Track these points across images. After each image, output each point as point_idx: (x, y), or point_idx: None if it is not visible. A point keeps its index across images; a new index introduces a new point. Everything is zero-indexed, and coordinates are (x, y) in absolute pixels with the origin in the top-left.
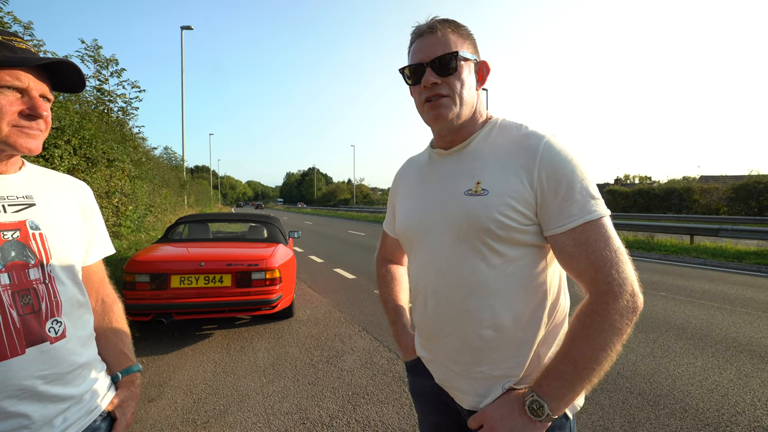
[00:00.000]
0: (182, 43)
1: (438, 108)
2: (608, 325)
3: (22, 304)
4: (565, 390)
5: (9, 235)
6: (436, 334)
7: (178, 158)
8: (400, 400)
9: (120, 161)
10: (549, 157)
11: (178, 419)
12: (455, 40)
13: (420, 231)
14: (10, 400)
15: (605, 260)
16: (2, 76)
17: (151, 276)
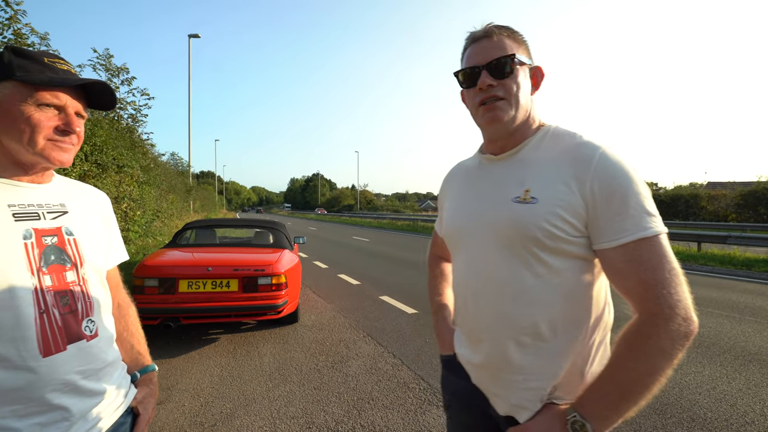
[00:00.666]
0: (189, 51)
1: (494, 110)
2: (657, 349)
3: (62, 304)
4: (609, 412)
5: (49, 240)
6: (475, 336)
7: (184, 164)
8: (405, 405)
9: (129, 167)
10: (603, 168)
11: (185, 422)
12: (511, 44)
13: (465, 234)
14: (54, 393)
15: (657, 280)
16: (44, 95)
17: (160, 280)
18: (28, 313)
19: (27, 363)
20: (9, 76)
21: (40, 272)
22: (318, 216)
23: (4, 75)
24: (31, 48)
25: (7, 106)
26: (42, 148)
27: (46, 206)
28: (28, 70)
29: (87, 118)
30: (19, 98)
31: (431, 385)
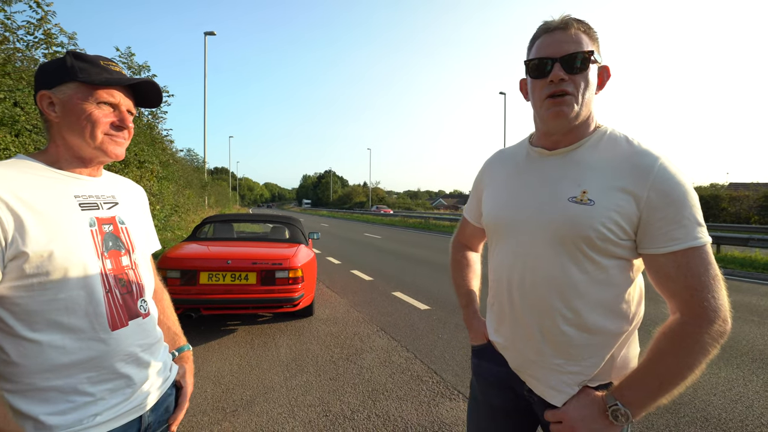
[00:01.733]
0: (205, 49)
1: (560, 105)
2: (699, 346)
3: (121, 285)
4: (648, 401)
5: (107, 228)
6: (517, 323)
7: (199, 160)
8: (418, 397)
9: (149, 163)
10: (662, 179)
11: (208, 407)
12: (587, 40)
13: (511, 225)
14: (120, 363)
15: (703, 286)
16: (101, 94)
17: (182, 272)
18: (99, 292)
19: (99, 335)
20: (72, 78)
21: (103, 256)
22: (329, 212)
23: (68, 77)
24: (61, 47)
25: (71, 105)
26: (101, 142)
27: (102, 197)
28: (87, 72)
29: (135, 114)
30: (81, 97)
31: (444, 378)
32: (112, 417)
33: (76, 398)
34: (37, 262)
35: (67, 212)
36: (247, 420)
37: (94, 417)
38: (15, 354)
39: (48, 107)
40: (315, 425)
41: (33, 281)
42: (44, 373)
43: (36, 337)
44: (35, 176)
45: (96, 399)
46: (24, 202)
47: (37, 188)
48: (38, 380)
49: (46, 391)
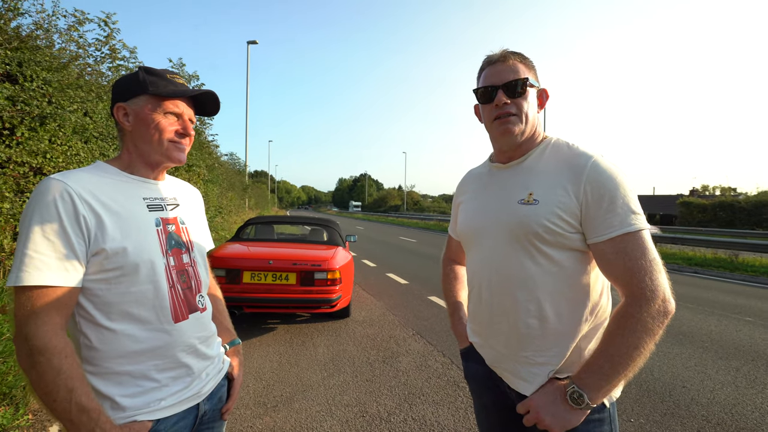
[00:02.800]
0: (248, 57)
1: (506, 124)
2: (641, 326)
3: (182, 280)
4: (603, 382)
5: (170, 228)
6: (488, 320)
7: (241, 164)
8: (455, 403)
9: (197, 166)
10: (595, 174)
11: (251, 401)
12: (523, 68)
13: (478, 233)
14: (182, 353)
15: (640, 268)
16: (168, 105)
17: (227, 271)
18: (164, 287)
19: (164, 326)
20: (143, 91)
21: (167, 254)
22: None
23: (140, 90)
24: (123, 60)
25: (142, 115)
26: (166, 149)
27: (166, 199)
28: (156, 85)
29: (195, 123)
30: (150, 108)
31: None
32: (175, 402)
33: (145, 383)
34: (113, 257)
35: (137, 213)
36: (286, 416)
37: (159, 401)
38: (96, 340)
39: (123, 117)
40: (352, 425)
41: (110, 275)
42: (119, 358)
43: (112, 325)
44: (111, 180)
45: (161, 385)
46: (102, 203)
47: (113, 191)
48: (114, 365)
49: (120, 375)
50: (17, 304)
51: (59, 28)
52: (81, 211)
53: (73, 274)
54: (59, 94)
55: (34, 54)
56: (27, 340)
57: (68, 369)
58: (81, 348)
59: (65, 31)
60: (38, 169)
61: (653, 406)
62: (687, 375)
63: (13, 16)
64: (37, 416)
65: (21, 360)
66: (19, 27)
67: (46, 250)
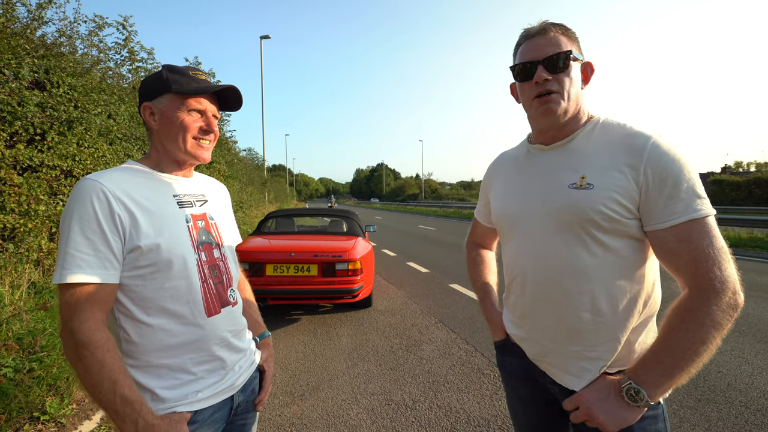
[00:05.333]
0: (261, 52)
1: (548, 103)
2: (710, 320)
3: (213, 275)
4: (663, 379)
5: (200, 224)
6: (533, 313)
7: (259, 158)
8: (480, 390)
9: (217, 163)
10: (656, 156)
11: (278, 390)
12: (565, 41)
13: (519, 219)
14: (216, 346)
15: (708, 258)
16: (191, 102)
17: (250, 264)
18: (196, 282)
19: (198, 321)
20: (167, 89)
21: (198, 249)
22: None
23: (164, 89)
24: (142, 62)
25: (167, 114)
26: (190, 147)
27: (195, 195)
28: (180, 83)
29: (220, 118)
30: (175, 107)
31: None
32: (211, 394)
33: (182, 376)
34: (148, 254)
35: (169, 210)
36: (313, 404)
37: (196, 393)
38: (134, 334)
39: (149, 117)
40: (378, 413)
41: (145, 271)
42: (157, 352)
43: (149, 320)
44: (143, 179)
45: (197, 378)
46: (135, 201)
47: (145, 189)
48: (153, 358)
49: (158, 368)
50: (62, 300)
51: (81, 34)
52: (116, 210)
53: (112, 271)
54: (84, 98)
55: (59, 61)
56: (72, 335)
57: (111, 362)
58: (121, 342)
59: (86, 36)
60: (69, 171)
61: (687, 392)
62: (723, 360)
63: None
64: (80, 406)
65: (68, 353)
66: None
67: (85, 248)
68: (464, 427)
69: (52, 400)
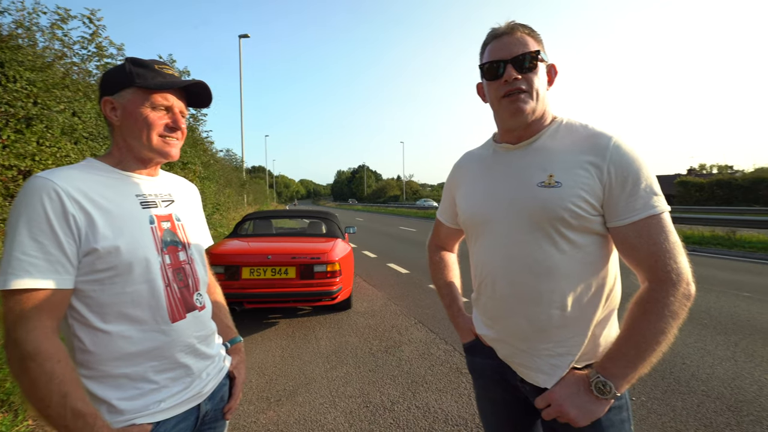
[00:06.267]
0: (240, 51)
1: (517, 102)
2: (668, 310)
3: (178, 279)
4: (629, 370)
5: (165, 225)
6: (504, 314)
7: (237, 160)
8: (458, 390)
9: (192, 164)
10: (618, 155)
11: (254, 396)
12: (532, 41)
13: (488, 219)
14: (181, 353)
15: (664, 251)
16: (156, 98)
17: (225, 267)
18: (160, 286)
19: (161, 327)
20: (131, 83)
21: (162, 252)
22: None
23: (127, 83)
24: (111, 58)
25: (130, 110)
26: (155, 144)
27: (160, 195)
28: (144, 77)
29: (187, 115)
30: (138, 102)
31: None
32: (175, 404)
33: (143, 385)
34: (106, 257)
35: (130, 210)
36: (290, 409)
37: (158, 403)
38: (90, 343)
39: (111, 112)
40: (356, 415)
41: (103, 275)
42: (115, 361)
43: (107, 327)
44: (102, 177)
45: (160, 387)
46: (92, 201)
47: (103, 188)
48: (110, 368)
49: (117, 378)
50: (6, 308)
51: (41, 26)
52: (70, 210)
53: (64, 275)
54: (45, 94)
55: (16, 53)
56: (17, 346)
57: (61, 373)
58: (75, 351)
59: (48, 29)
60: (27, 172)
61: (654, 384)
62: (687, 351)
63: None
64: (37, 422)
65: (12, 366)
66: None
67: (34, 251)
68: (442, 426)
69: (5, 416)
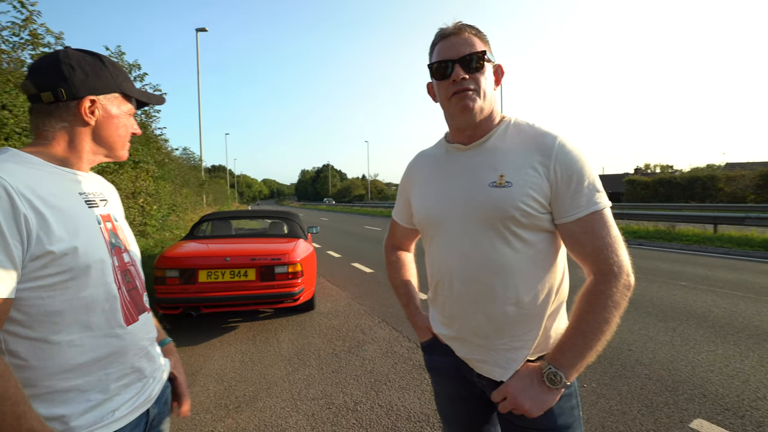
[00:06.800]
0: (197, 44)
1: (465, 100)
2: (611, 301)
3: (126, 281)
4: (577, 360)
5: (108, 225)
6: (461, 312)
7: (196, 158)
8: (421, 386)
9: (144, 162)
10: (563, 154)
11: (211, 404)
12: (478, 42)
13: (443, 219)
14: (135, 356)
15: (607, 245)
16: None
17: (180, 271)
18: (114, 288)
19: (115, 331)
20: (116, 89)
21: (111, 253)
22: (328, 207)
23: (115, 87)
24: (48, 47)
25: (113, 114)
26: (122, 149)
27: (96, 194)
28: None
29: None
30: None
31: None
32: (128, 411)
33: (95, 396)
34: (62, 260)
35: (80, 209)
36: (250, 416)
37: (113, 413)
38: (31, 357)
39: (88, 110)
40: (318, 418)
41: (55, 280)
42: (64, 373)
43: (55, 338)
44: (46, 173)
45: (112, 395)
46: (43, 199)
47: (51, 185)
48: (57, 381)
49: (66, 392)
50: None
51: None
52: (21, 210)
53: (10, 283)
54: None
55: None
56: None
57: (14, 393)
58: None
59: None
60: None
61: (603, 371)
62: (632, 339)
63: None
64: None
65: None
66: None
67: None
68: (405, 423)
69: None
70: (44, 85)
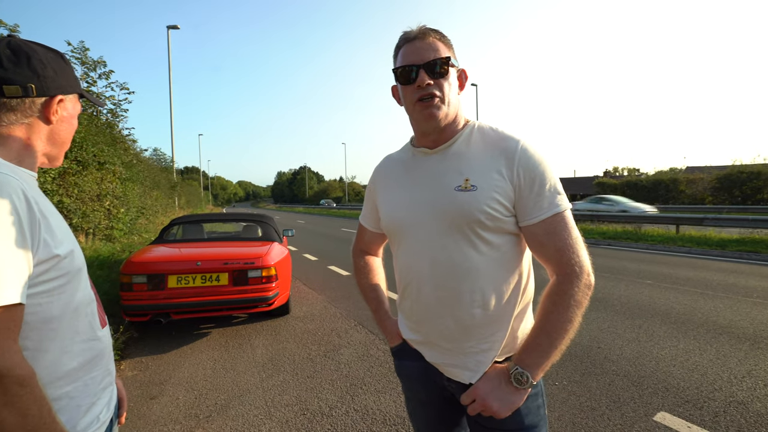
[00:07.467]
0: (168, 42)
1: (430, 107)
2: (574, 300)
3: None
4: (543, 359)
5: None
6: (430, 316)
7: (167, 160)
8: (396, 389)
9: (111, 164)
10: (525, 158)
11: (180, 414)
12: (443, 47)
13: (410, 223)
14: (109, 358)
15: (568, 246)
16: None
17: (148, 277)
18: (91, 292)
19: (96, 334)
20: (77, 90)
21: None
22: (305, 209)
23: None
24: None
25: (72, 114)
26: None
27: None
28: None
29: None
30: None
31: None
32: (107, 414)
33: (84, 400)
34: (61, 264)
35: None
36: (221, 425)
37: (98, 418)
38: None
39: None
40: (292, 424)
41: (54, 285)
42: (57, 381)
43: (50, 345)
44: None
45: (97, 399)
46: (38, 202)
47: (34, 187)
48: (51, 390)
49: (58, 400)
50: None
51: None
52: (36, 214)
53: (24, 288)
54: None
55: None
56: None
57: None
58: None
59: None
60: None
61: (574, 368)
62: (601, 336)
63: None
64: None
65: None
66: None
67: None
68: (380, 427)
69: None
70: (10, 78)
